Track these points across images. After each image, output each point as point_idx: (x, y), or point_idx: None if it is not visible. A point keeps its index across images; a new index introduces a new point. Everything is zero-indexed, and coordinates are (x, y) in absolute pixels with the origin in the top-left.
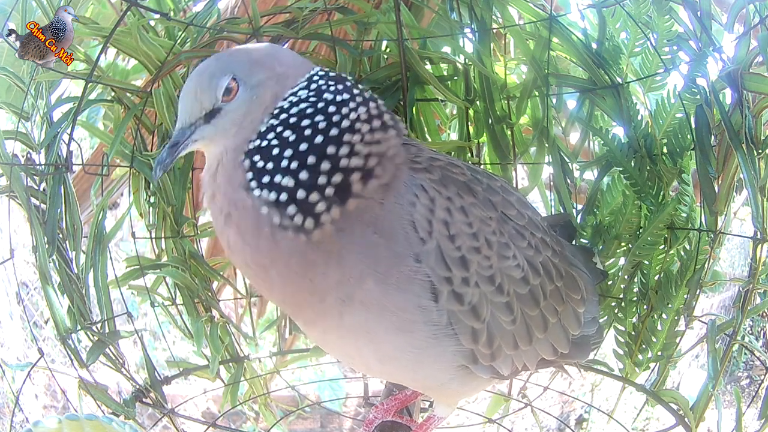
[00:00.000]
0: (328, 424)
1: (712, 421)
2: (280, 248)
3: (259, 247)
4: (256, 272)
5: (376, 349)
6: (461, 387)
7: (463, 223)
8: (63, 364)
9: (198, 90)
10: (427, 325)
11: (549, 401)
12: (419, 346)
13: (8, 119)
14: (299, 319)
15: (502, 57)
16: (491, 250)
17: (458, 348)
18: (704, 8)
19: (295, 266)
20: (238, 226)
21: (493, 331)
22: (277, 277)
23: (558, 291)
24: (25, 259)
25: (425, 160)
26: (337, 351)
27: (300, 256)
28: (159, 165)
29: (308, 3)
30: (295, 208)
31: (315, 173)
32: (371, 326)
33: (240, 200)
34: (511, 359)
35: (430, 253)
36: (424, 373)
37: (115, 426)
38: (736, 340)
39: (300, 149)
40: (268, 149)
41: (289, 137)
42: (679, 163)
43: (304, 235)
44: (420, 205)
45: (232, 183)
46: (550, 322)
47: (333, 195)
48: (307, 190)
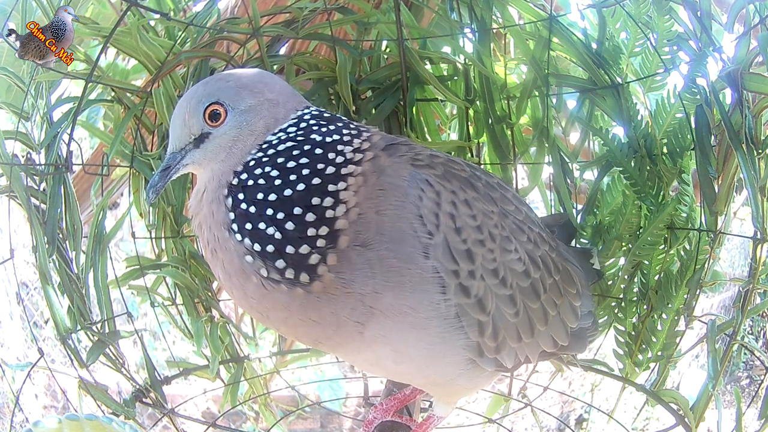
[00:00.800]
0: (328, 424)
1: (712, 421)
2: (276, 299)
3: (249, 293)
4: (253, 314)
5: (393, 351)
6: (468, 382)
7: (468, 216)
8: (63, 364)
9: (186, 115)
10: (439, 320)
11: (549, 401)
12: (432, 342)
13: (8, 119)
14: (320, 348)
15: (502, 57)
16: (495, 243)
17: (467, 341)
18: (704, 8)
19: (297, 314)
20: (224, 266)
21: (497, 324)
22: (280, 322)
23: (556, 284)
24: (25, 259)
25: (426, 157)
26: (353, 358)
27: (299, 305)
28: (151, 189)
29: (308, 3)
30: (284, 263)
31: (302, 225)
32: (389, 331)
33: (223, 240)
34: (514, 351)
35: (438, 246)
36: (435, 369)
37: (115, 426)
38: (736, 340)
39: (284, 194)
40: (252, 190)
41: (274, 179)
42: (679, 163)
43: (302, 288)
44: (426, 198)
45: (215, 219)
46: (550, 315)
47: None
48: (295, 244)
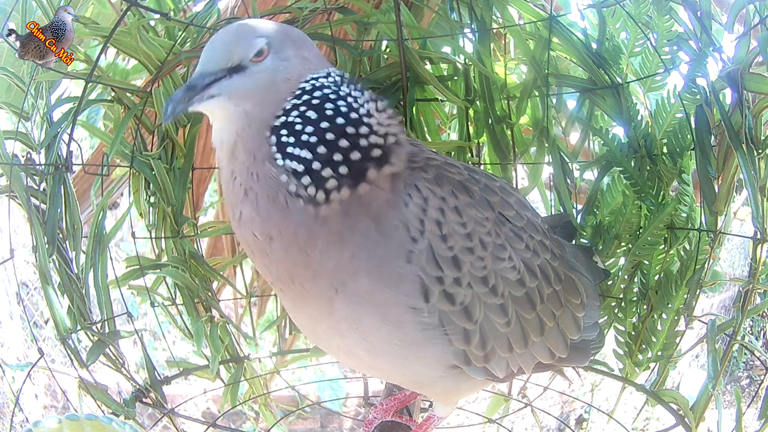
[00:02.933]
0: (328, 424)
1: (712, 421)
2: (290, 217)
3: (270, 217)
4: (259, 245)
5: (362, 339)
6: (455, 386)
7: (456, 223)
8: (63, 364)
9: (233, 41)
10: (416, 323)
11: (549, 401)
12: (405, 340)
13: (8, 119)
14: (287, 297)
15: (502, 57)
16: (486, 251)
17: (448, 347)
18: (704, 8)
19: (299, 239)
20: (256, 199)
21: (486, 333)
22: (279, 249)
23: (556, 294)
24: (25, 259)
25: (422, 159)
26: (326, 342)
27: (305, 228)
28: (173, 104)
29: (308, 3)
30: (309, 179)
31: (331, 149)
32: (359, 317)
33: (263, 172)
34: (506, 362)
35: (422, 252)
36: (411, 369)
37: (115, 426)
38: (736, 340)
39: (321, 126)
40: (292, 125)
41: (311, 116)
42: (679, 163)
43: (313, 207)
44: (412, 204)
45: (256, 157)
46: (547, 326)
47: (346, 175)
48: (322, 164)
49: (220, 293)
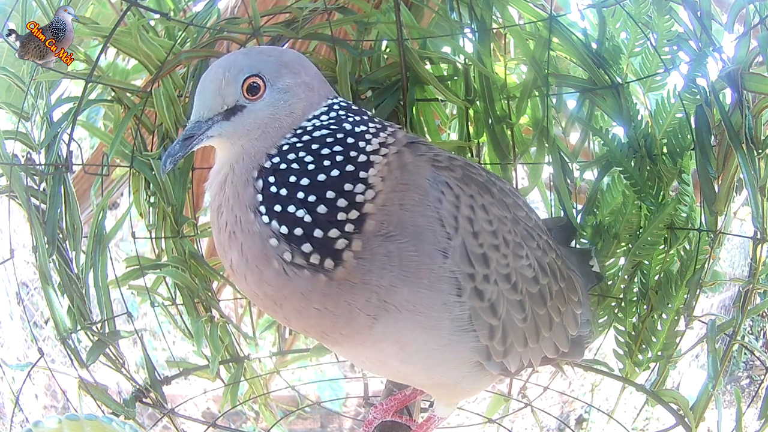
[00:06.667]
0: (328, 424)
1: (712, 421)
2: (295, 286)
3: (266, 278)
4: (264, 303)
5: (400, 350)
6: (471, 385)
7: (484, 220)
8: (63, 364)
9: (222, 83)
10: (451, 322)
11: (549, 401)
12: (441, 343)
13: (8, 119)
14: (324, 342)
15: (502, 57)
16: (508, 249)
17: (476, 345)
18: (704, 8)
19: (315, 303)
20: (242, 249)
21: (507, 329)
22: (293, 312)
23: (562, 292)
24: (25, 259)
25: (445, 159)
26: (356, 355)
27: (320, 293)
28: (169, 158)
29: (308, 3)
30: (311, 247)
31: (334, 209)
32: (399, 329)
33: (246, 222)
34: (519, 356)
35: (456, 249)
36: (442, 371)
37: (115, 426)
38: (736, 340)
39: (318, 179)
40: (285, 173)
41: (308, 164)
42: (679, 163)
43: (324, 275)
44: (446, 201)
45: (239, 201)
46: (555, 321)
47: (353, 230)
48: (325, 227)
49: (220, 293)
